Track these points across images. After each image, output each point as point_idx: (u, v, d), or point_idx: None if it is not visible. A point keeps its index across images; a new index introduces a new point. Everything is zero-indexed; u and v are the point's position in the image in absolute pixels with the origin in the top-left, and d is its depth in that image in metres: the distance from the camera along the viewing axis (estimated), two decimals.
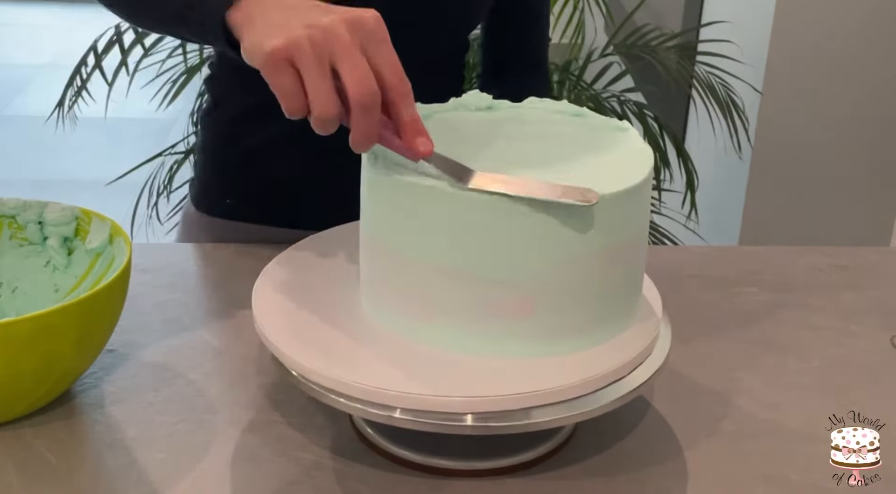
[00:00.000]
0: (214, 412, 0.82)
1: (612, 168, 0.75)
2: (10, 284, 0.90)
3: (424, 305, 0.74)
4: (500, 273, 0.71)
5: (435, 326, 0.74)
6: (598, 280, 0.73)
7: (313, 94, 0.69)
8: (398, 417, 0.70)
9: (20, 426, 0.79)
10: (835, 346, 0.95)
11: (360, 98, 0.68)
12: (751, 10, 2.17)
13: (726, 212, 2.30)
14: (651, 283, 0.83)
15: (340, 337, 0.76)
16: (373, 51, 0.70)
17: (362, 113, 0.69)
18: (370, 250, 0.78)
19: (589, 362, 0.74)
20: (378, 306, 0.78)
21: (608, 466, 0.78)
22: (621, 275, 0.75)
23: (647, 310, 0.80)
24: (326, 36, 0.69)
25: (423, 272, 0.73)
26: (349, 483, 0.75)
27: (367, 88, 0.69)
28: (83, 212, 0.89)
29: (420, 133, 0.72)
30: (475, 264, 0.71)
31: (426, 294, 0.74)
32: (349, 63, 0.69)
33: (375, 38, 0.70)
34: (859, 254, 1.14)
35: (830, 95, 2.11)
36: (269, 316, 0.78)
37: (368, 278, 0.79)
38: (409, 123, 0.71)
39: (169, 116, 3.21)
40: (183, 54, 2.23)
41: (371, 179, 0.76)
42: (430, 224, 0.72)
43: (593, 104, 2.11)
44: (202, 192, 1.17)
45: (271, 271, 0.84)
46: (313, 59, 0.68)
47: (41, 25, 5.18)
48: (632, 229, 0.75)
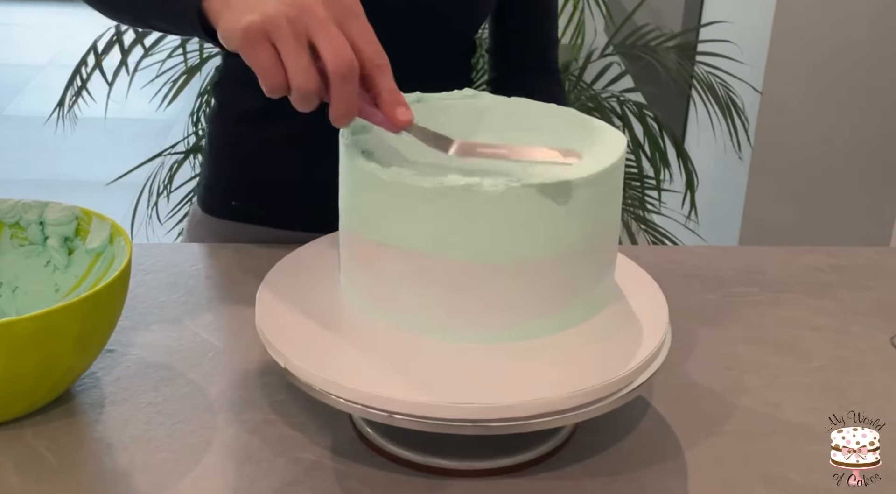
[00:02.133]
0: (214, 412, 0.82)
1: (588, 153, 0.76)
2: (10, 284, 0.90)
3: (404, 294, 0.75)
4: (477, 257, 0.72)
5: (420, 314, 0.74)
6: (576, 260, 0.74)
7: (292, 68, 0.69)
8: (398, 417, 0.70)
9: (20, 426, 0.79)
10: (835, 346, 0.95)
11: (337, 69, 0.69)
12: (751, 10, 2.17)
13: (726, 212, 2.30)
14: (657, 287, 0.83)
15: (341, 337, 0.77)
16: (348, 25, 0.71)
17: (341, 84, 0.70)
18: (348, 242, 0.78)
19: (592, 366, 0.74)
20: (354, 294, 0.78)
21: (608, 466, 0.78)
22: (599, 256, 0.76)
23: (652, 312, 0.80)
24: (302, 12, 0.69)
25: (403, 259, 0.73)
26: (349, 483, 0.75)
27: (345, 59, 0.69)
28: (83, 212, 0.89)
29: (399, 103, 0.73)
30: (454, 250, 0.72)
31: (406, 282, 0.74)
32: (325, 37, 0.69)
33: (351, 12, 0.71)
34: (859, 254, 1.14)
35: (830, 96, 2.11)
36: (271, 317, 0.78)
37: (348, 273, 0.79)
38: (387, 93, 0.72)
39: (169, 116, 3.21)
40: (183, 54, 2.23)
41: (346, 169, 0.76)
42: (401, 212, 0.72)
43: (593, 104, 2.11)
44: (208, 193, 1.17)
45: (277, 273, 0.84)
46: (290, 34, 0.69)
47: (41, 25, 5.19)
48: (606, 213, 0.76)
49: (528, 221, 0.71)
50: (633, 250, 1.04)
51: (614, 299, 0.81)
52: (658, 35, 2.22)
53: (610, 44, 2.25)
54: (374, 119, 0.74)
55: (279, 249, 0.91)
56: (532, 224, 0.71)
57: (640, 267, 0.87)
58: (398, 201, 0.72)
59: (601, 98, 2.15)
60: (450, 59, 1.12)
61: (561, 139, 0.78)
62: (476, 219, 0.71)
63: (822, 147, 2.15)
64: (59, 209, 0.89)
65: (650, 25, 2.27)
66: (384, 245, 0.74)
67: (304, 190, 1.10)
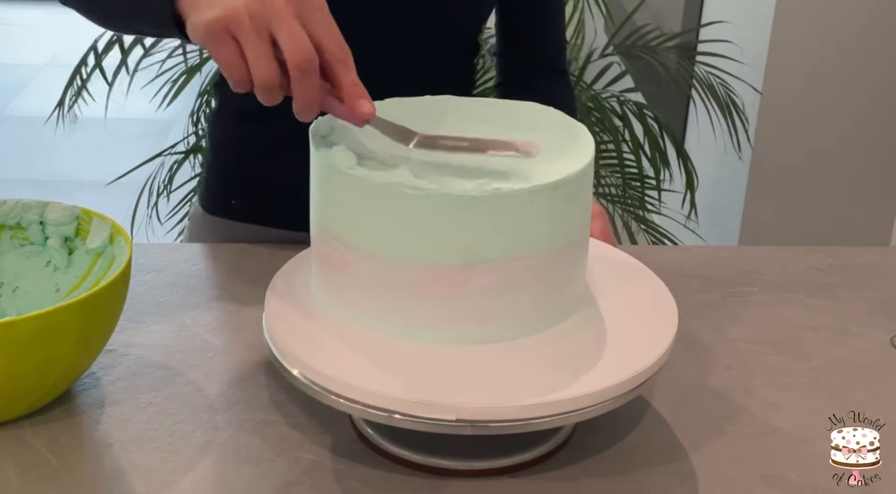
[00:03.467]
0: (214, 412, 0.82)
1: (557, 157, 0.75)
2: (10, 284, 0.90)
3: (378, 298, 0.75)
4: (444, 258, 0.72)
5: (407, 316, 0.74)
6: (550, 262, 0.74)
7: (253, 61, 0.71)
8: (398, 417, 0.70)
9: (20, 426, 0.79)
10: (835, 346, 0.95)
11: (297, 62, 0.70)
12: (751, 10, 2.17)
13: (726, 212, 2.30)
14: (668, 292, 0.83)
15: (341, 338, 0.77)
16: (311, 19, 0.72)
17: (301, 77, 0.71)
18: (320, 241, 0.78)
19: (592, 366, 0.74)
20: (326, 294, 0.78)
21: (608, 466, 0.78)
22: (567, 258, 0.76)
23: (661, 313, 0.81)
24: (263, 6, 0.70)
25: (369, 262, 0.73)
26: (349, 483, 0.75)
27: (304, 52, 0.71)
28: (84, 212, 0.89)
29: (361, 96, 0.73)
30: (427, 252, 0.72)
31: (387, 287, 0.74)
32: (285, 30, 0.71)
33: (311, 5, 0.72)
34: (859, 254, 1.14)
35: (830, 95, 2.11)
36: (276, 317, 0.78)
37: (320, 275, 0.79)
38: (349, 86, 0.73)
39: (169, 116, 3.21)
40: (183, 54, 2.23)
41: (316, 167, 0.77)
42: (373, 214, 0.72)
43: (593, 104, 2.12)
44: (208, 193, 1.18)
45: (286, 273, 0.84)
46: (251, 28, 0.70)
47: (41, 25, 5.18)
48: (573, 218, 0.76)
49: (500, 222, 0.71)
50: (633, 250, 1.04)
51: (615, 300, 0.81)
52: (658, 35, 2.23)
53: (610, 44, 2.25)
54: (337, 112, 0.75)
55: (280, 249, 0.91)
56: (503, 226, 0.71)
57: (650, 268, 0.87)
58: (363, 199, 0.72)
59: (601, 98, 2.15)
60: (452, 59, 1.12)
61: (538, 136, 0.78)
62: (445, 221, 0.71)
63: (822, 147, 2.15)
64: (60, 209, 0.89)
65: (650, 25, 2.27)
66: (351, 248, 0.74)
67: (304, 190, 1.10)
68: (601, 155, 2.15)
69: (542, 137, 0.78)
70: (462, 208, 0.70)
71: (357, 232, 0.74)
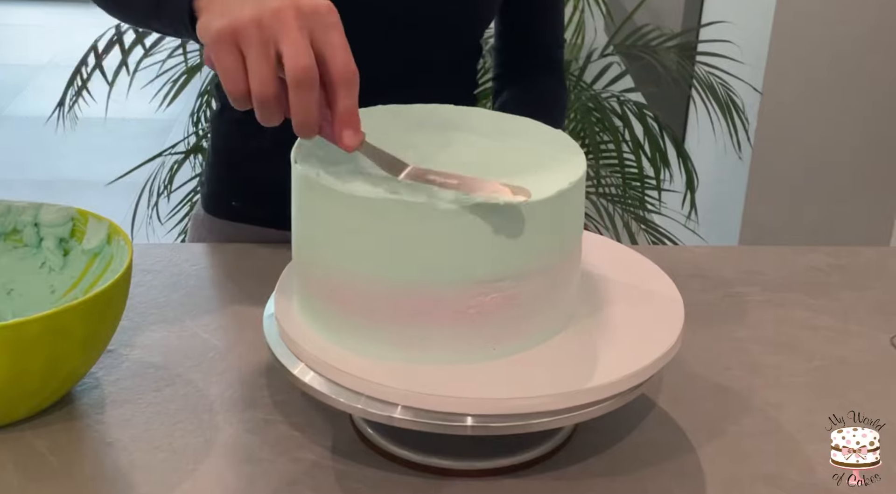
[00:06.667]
0: (214, 412, 0.82)
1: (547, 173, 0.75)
2: (5, 286, 0.90)
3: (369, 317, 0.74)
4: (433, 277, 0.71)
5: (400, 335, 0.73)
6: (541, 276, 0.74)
7: (252, 73, 0.69)
8: (398, 417, 0.70)
9: (21, 427, 0.79)
10: (835, 346, 0.95)
11: (294, 74, 0.69)
12: (751, 10, 2.17)
13: (726, 212, 2.30)
14: (677, 292, 0.83)
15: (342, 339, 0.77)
16: (321, 35, 0.70)
17: (297, 90, 0.69)
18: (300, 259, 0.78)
19: (592, 366, 0.74)
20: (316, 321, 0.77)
21: (608, 466, 0.78)
22: (559, 274, 0.75)
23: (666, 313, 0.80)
24: (273, 19, 0.69)
25: (372, 285, 0.72)
26: (349, 483, 0.75)
27: (303, 64, 0.69)
28: (79, 212, 0.89)
29: (349, 125, 0.71)
30: (416, 272, 0.71)
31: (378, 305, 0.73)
32: (289, 42, 0.69)
33: (325, 21, 0.71)
34: (859, 254, 1.14)
35: (830, 95, 2.11)
36: (281, 316, 0.78)
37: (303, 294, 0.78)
38: (342, 112, 0.71)
39: (169, 116, 3.21)
40: (183, 54, 2.23)
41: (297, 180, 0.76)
42: (358, 233, 0.72)
43: (593, 104, 2.12)
44: (210, 194, 1.18)
45: (288, 275, 0.84)
46: (257, 40, 0.69)
47: (41, 25, 5.18)
48: (567, 233, 0.75)
49: (484, 240, 0.70)
50: (633, 250, 1.04)
51: (614, 300, 0.81)
52: (658, 35, 2.22)
53: (610, 44, 2.25)
54: (326, 135, 0.73)
55: (280, 249, 0.91)
56: (488, 244, 0.70)
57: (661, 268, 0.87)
58: (346, 216, 0.71)
59: (601, 98, 2.15)
60: (453, 61, 1.12)
61: (528, 153, 0.77)
62: (430, 238, 0.70)
63: (822, 147, 2.15)
64: (55, 211, 0.89)
65: (650, 25, 2.27)
66: (335, 268, 0.73)
67: None
68: (601, 155, 2.15)
69: (532, 148, 0.78)
70: (450, 222, 0.69)
71: (338, 251, 0.73)
